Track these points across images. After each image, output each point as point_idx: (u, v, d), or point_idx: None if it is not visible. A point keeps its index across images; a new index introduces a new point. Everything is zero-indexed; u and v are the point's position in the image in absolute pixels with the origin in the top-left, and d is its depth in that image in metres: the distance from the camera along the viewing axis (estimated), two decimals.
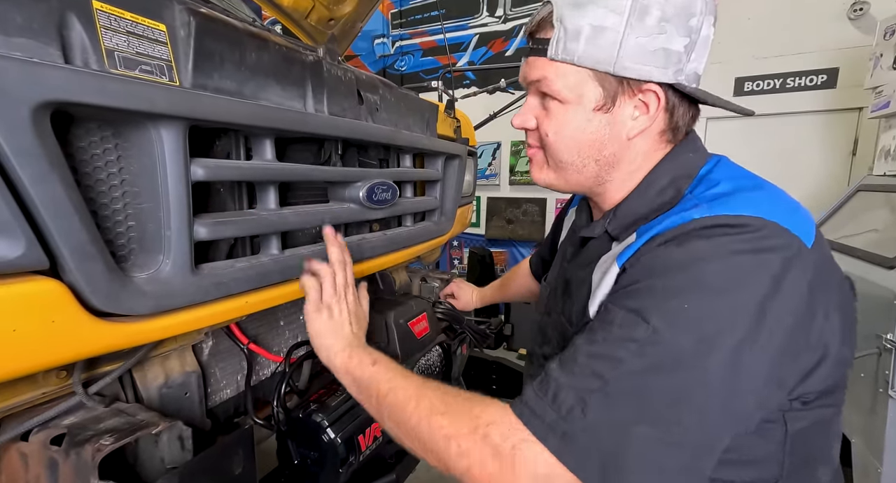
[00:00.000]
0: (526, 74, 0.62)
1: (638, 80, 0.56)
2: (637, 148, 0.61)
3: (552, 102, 0.60)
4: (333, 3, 1.61)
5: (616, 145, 0.60)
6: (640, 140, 0.61)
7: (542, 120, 0.62)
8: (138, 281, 0.55)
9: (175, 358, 0.74)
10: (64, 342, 0.48)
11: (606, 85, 0.57)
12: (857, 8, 2.98)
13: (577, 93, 0.58)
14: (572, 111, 0.59)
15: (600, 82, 0.57)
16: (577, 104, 0.58)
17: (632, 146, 0.61)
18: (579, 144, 0.60)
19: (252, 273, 0.69)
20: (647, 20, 0.53)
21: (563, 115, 0.59)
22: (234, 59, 0.65)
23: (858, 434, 1.81)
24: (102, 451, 0.50)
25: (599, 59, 0.55)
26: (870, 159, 2.67)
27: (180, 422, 0.59)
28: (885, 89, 2.27)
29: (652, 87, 0.57)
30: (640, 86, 0.57)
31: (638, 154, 0.62)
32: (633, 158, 0.62)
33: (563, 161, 0.62)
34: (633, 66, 0.55)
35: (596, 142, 0.60)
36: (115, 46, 0.50)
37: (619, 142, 0.60)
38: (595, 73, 0.56)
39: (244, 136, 0.72)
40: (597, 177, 0.63)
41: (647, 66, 0.55)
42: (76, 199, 0.46)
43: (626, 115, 0.58)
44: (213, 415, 0.84)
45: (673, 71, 0.55)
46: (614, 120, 0.58)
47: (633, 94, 0.57)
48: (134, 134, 0.54)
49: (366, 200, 0.89)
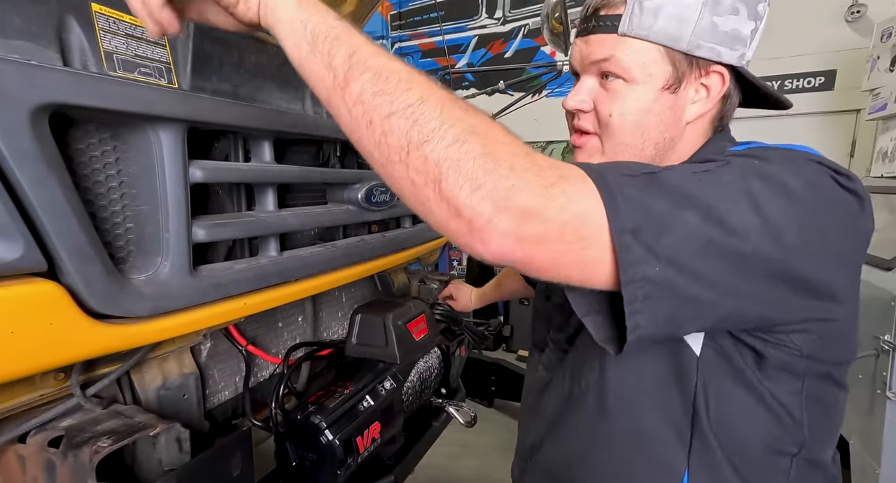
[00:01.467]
0: (586, 53, 0.59)
1: (707, 61, 0.55)
2: (689, 134, 0.60)
3: (615, 82, 0.57)
4: (332, 5, 1.61)
5: (675, 129, 0.58)
6: (694, 126, 0.59)
7: (603, 101, 0.58)
8: (136, 283, 0.55)
9: (173, 360, 0.74)
10: (62, 344, 0.48)
11: (677, 63, 0.55)
12: (855, 10, 2.99)
13: (646, 71, 0.55)
14: (640, 90, 0.56)
15: (671, 60, 0.55)
16: (645, 83, 0.56)
17: (686, 132, 0.59)
18: (644, 125, 0.57)
19: (251, 275, 0.69)
20: (712, 18, 0.52)
21: (630, 94, 0.56)
22: (232, 62, 0.65)
23: (856, 435, 1.81)
24: (100, 453, 0.50)
25: (675, 36, 0.53)
26: (867, 161, 2.68)
27: (178, 424, 0.59)
28: (882, 91, 2.28)
29: (719, 69, 0.56)
30: (709, 67, 0.56)
31: (688, 142, 0.60)
32: (683, 146, 0.60)
33: (625, 143, 0.59)
34: (707, 44, 0.53)
35: (660, 123, 0.57)
36: (114, 49, 0.50)
37: (678, 126, 0.58)
38: (667, 50, 0.54)
39: (243, 137, 0.72)
40: (651, 161, 0.59)
41: (719, 46, 0.54)
42: (74, 201, 0.46)
43: (688, 97, 0.57)
44: (212, 416, 0.84)
45: (738, 54, 0.55)
46: (677, 102, 0.57)
47: (699, 75, 0.56)
48: (132, 136, 0.54)
49: (364, 202, 0.90)
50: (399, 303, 1.04)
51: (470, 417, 1.07)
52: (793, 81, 3.27)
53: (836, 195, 0.46)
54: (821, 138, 3.25)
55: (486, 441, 2.59)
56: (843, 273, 0.48)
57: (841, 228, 0.46)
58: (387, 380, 0.92)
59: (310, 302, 1.06)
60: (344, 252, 0.89)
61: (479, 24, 4.52)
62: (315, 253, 0.82)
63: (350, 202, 0.90)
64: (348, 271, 0.92)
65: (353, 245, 0.92)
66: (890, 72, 2.24)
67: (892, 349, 1.58)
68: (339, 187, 0.90)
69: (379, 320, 0.95)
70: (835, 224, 0.45)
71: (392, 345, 0.94)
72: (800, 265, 0.44)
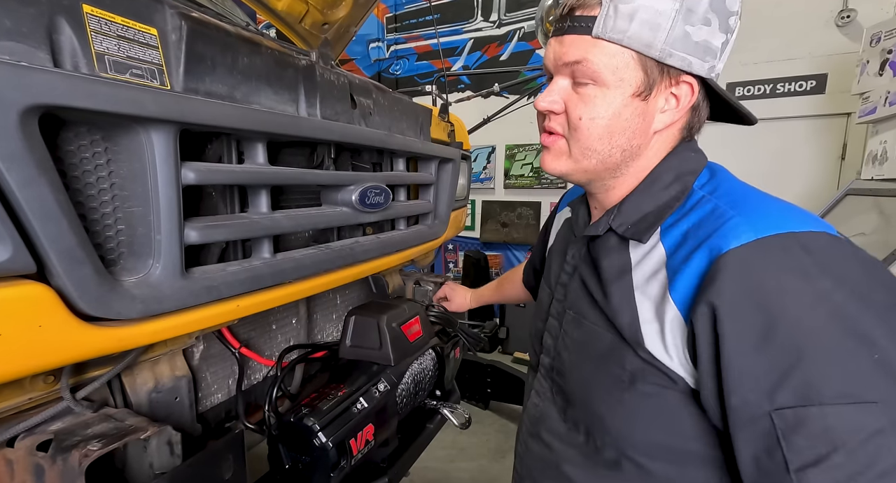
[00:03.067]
0: (560, 54, 0.57)
1: (678, 70, 0.55)
2: (656, 143, 0.60)
3: (587, 86, 0.56)
4: (327, 7, 1.61)
5: (643, 137, 0.58)
6: (661, 135, 0.59)
7: (574, 104, 0.57)
8: (127, 285, 0.55)
9: (165, 362, 0.74)
10: (51, 347, 0.47)
11: (649, 70, 0.54)
12: (845, 15, 3.03)
13: (618, 76, 0.54)
14: (611, 95, 0.55)
15: (643, 67, 0.54)
16: (616, 88, 0.55)
17: (653, 141, 0.59)
18: (612, 131, 0.57)
19: (244, 277, 0.69)
20: (697, 9, 0.52)
21: (601, 98, 0.55)
22: (226, 63, 0.65)
23: None
24: (90, 456, 0.50)
25: (648, 42, 0.52)
26: (858, 164, 2.71)
27: (169, 427, 0.58)
28: (872, 95, 2.31)
29: (689, 80, 0.56)
30: (679, 76, 0.56)
31: (654, 150, 0.60)
32: (649, 154, 0.60)
33: (592, 149, 0.58)
34: (678, 53, 0.53)
35: (628, 130, 0.57)
36: (106, 50, 0.50)
37: (646, 134, 0.58)
38: (640, 56, 0.54)
39: (236, 139, 0.72)
40: (616, 168, 0.60)
41: (690, 56, 0.54)
42: (64, 202, 0.46)
43: (657, 106, 0.57)
44: (204, 419, 0.83)
45: (708, 66, 0.55)
46: (647, 110, 0.56)
47: (669, 84, 0.56)
48: (124, 138, 0.54)
49: (358, 204, 0.90)
50: (393, 305, 1.04)
51: (464, 419, 1.07)
52: (785, 85, 3.30)
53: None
54: (812, 141, 3.29)
55: (481, 443, 2.59)
56: None
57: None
58: (381, 382, 0.91)
59: (304, 304, 1.06)
60: (338, 254, 0.89)
61: (475, 26, 4.53)
62: (309, 255, 0.82)
63: (344, 204, 0.90)
64: (342, 273, 0.92)
65: (348, 247, 0.92)
66: (879, 76, 2.27)
67: None
68: (333, 189, 0.90)
69: (373, 322, 0.95)
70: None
71: (386, 347, 0.94)
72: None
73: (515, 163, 4.42)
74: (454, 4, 4.56)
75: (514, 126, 3.81)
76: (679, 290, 0.51)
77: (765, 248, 0.46)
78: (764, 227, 0.47)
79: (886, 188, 2.10)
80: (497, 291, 1.33)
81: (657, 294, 0.53)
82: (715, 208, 0.53)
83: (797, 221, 0.48)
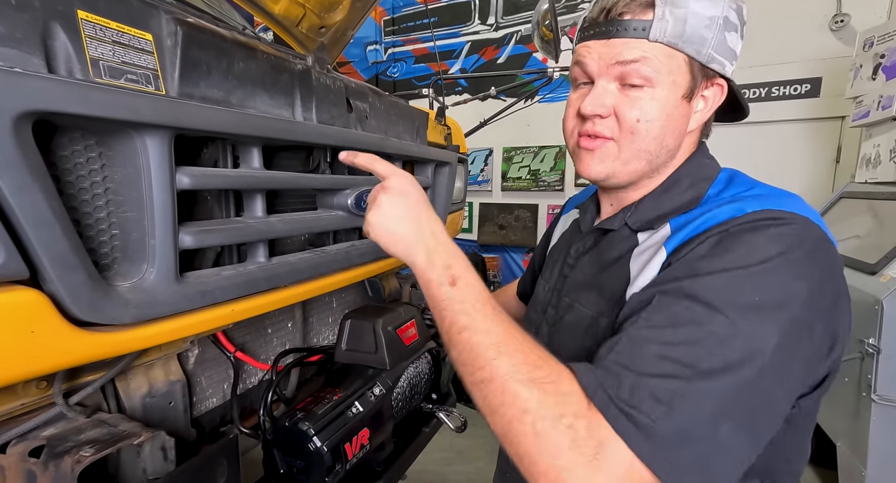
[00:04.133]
0: (610, 55, 0.57)
1: (715, 73, 0.58)
2: (686, 144, 0.63)
3: (640, 88, 0.57)
4: (324, 10, 1.61)
5: (682, 138, 0.61)
6: (690, 136, 0.62)
7: (625, 106, 0.58)
8: (121, 290, 0.55)
9: (159, 367, 0.73)
10: (44, 352, 0.47)
11: (695, 73, 0.57)
12: (839, 20, 3.06)
13: (672, 77, 0.56)
14: (664, 97, 0.57)
15: (691, 70, 0.57)
16: (669, 90, 0.57)
17: (685, 140, 0.62)
18: (665, 132, 0.58)
19: (239, 281, 0.69)
20: (731, 16, 0.56)
21: (655, 101, 0.57)
22: (221, 68, 0.65)
23: (843, 437, 1.83)
24: (82, 462, 0.50)
25: (698, 47, 0.55)
26: (853, 167, 2.73)
27: (163, 432, 0.58)
28: (865, 99, 2.33)
29: (721, 82, 0.59)
30: (714, 78, 0.59)
31: (684, 151, 0.63)
32: (678, 154, 0.63)
33: (646, 150, 0.59)
34: (719, 57, 0.57)
35: (675, 131, 0.59)
36: (101, 56, 0.50)
37: (683, 135, 0.61)
38: (689, 59, 0.56)
39: (231, 144, 0.72)
40: (657, 169, 0.62)
41: (725, 59, 0.57)
42: (58, 208, 0.46)
43: (694, 107, 0.60)
44: (199, 424, 0.83)
45: (731, 68, 0.59)
46: (689, 111, 0.59)
47: (706, 86, 0.59)
48: (118, 143, 0.54)
49: (354, 208, 0.90)
50: (389, 308, 1.04)
51: (460, 422, 1.07)
52: (779, 88, 3.33)
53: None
54: (807, 144, 3.31)
55: (478, 446, 2.58)
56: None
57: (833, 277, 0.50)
58: (376, 385, 0.91)
59: (299, 308, 1.05)
60: (333, 258, 0.89)
61: (472, 30, 4.55)
62: (304, 259, 0.82)
63: (340, 208, 0.90)
64: (338, 277, 0.92)
65: (343, 251, 0.92)
66: (872, 80, 2.29)
67: (877, 352, 1.61)
68: (328, 193, 0.90)
69: (369, 326, 0.95)
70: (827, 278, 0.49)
71: (382, 350, 0.94)
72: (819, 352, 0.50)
73: (513, 165, 4.43)
74: (452, 7, 4.58)
75: (511, 129, 3.82)
76: (672, 242, 0.55)
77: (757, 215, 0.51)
78: (769, 205, 0.52)
79: (880, 191, 2.12)
80: None
81: (652, 253, 0.57)
82: (733, 197, 0.56)
83: (803, 210, 0.52)
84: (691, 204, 0.60)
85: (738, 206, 0.53)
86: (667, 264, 0.54)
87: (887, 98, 2.12)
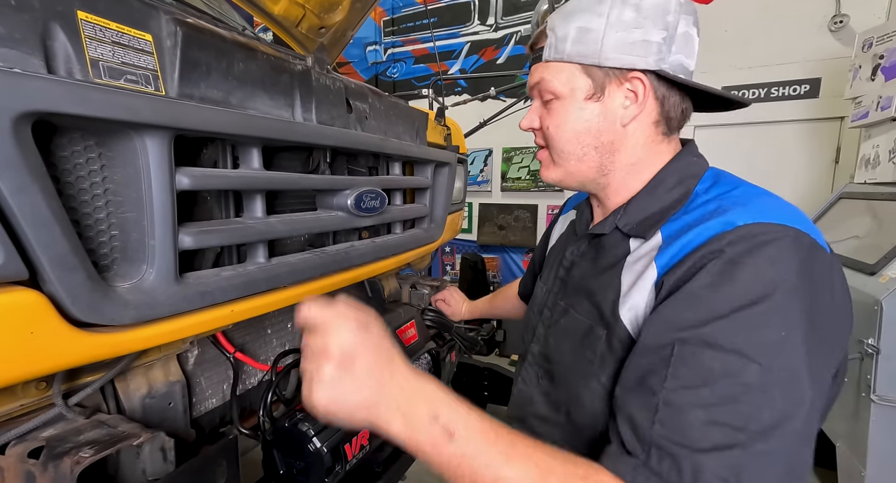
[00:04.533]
0: (530, 82, 0.70)
1: (622, 69, 0.62)
2: (634, 137, 0.66)
3: (552, 101, 0.67)
4: (324, 11, 1.61)
5: (612, 133, 0.65)
6: (636, 128, 0.65)
7: (545, 118, 0.69)
8: (121, 290, 0.55)
9: (159, 368, 0.73)
10: (43, 353, 0.47)
11: (594, 76, 0.63)
12: (838, 20, 3.06)
13: (569, 86, 0.65)
14: (568, 104, 0.66)
15: (588, 74, 0.64)
16: (571, 97, 0.65)
17: (628, 134, 0.65)
18: (576, 133, 0.66)
19: (238, 281, 0.69)
20: (624, 18, 0.60)
21: (561, 108, 0.66)
22: (221, 69, 0.65)
23: (843, 438, 1.83)
24: (81, 463, 0.50)
25: (585, 54, 0.63)
26: (852, 167, 2.74)
27: (162, 433, 0.58)
28: (864, 99, 2.33)
29: (636, 75, 0.62)
30: (626, 74, 0.62)
31: (637, 144, 0.66)
32: (633, 149, 0.66)
33: (565, 151, 0.68)
34: (616, 55, 0.61)
35: (591, 129, 0.65)
36: (100, 56, 0.50)
37: (615, 129, 0.65)
38: (583, 66, 0.63)
39: (231, 144, 0.72)
40: (599, 166, 0.67)
41: (629, 55, 0.61)
42: (57, 209, 0.46)
43: (616, 103, 0.64)
44: (198, 425, 0.83)
45: (654, 59, 0.61)
46: (606, 108, 0.64)
47: (620, 82, 0.63)
48: (118, 143, 0.54)
49: (354, 208, 0.90)
50: (389, 309, 1.04)
51: None
52: (779, 89, 3.33)
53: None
54: (806, 145, 3.31)
55: None
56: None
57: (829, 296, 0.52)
58: None
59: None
60: (333, 258, 0.89)
61: (472, 30, 4.55)
62: (304, 259, 0.82)
63: (339, 208, 0.90)
64: (338, 277, 0.92)
65: (343, 251, 0.92)
66: (871, 81, 2.29)
67: (876, 353, 1.61)
68: (328, 194, 0.90)
69: None
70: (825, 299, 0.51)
71: None
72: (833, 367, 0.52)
73: (512, 166, 4.43)
74: (451, 8, 4.58)
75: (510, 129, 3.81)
76: (664, 257, 0.56)
77: (748, 231, 0.51)
78: (755, 216, 0.53)
79: (879, 192, 2.12)
80: (490, 305, 1.35)
81: (643, 266, 0.59)
82: (719, 206, 0.57)
83: (787, 218, 0.53)
84: (680, 201, 0.62)
85: (725, 219, 0.54)
86: (660, 283, 0.55)
87: (886, 99, 2.12)
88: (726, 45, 3.42)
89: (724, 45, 3.42)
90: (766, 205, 0.56)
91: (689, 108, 0.67)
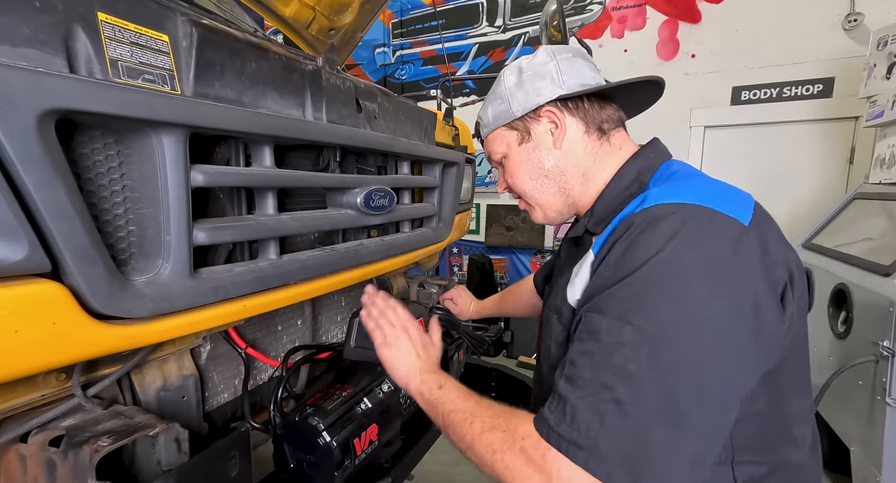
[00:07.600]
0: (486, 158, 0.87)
1: (533, 110, 0.75)
2: (573, 151, 0.75)
3: (503, 162, 0.83)
4: (334, 13, 1.64)
5: (553, 157, 0.76)
6: (570, 144, 0.75)
7: (507, 177, 0.84)
8: (138, 284, 0.56)
9: (173, 361, 0.75)
10: (64, 344, 0.49)
11: (517, 127, 0.79)
12: (852, 19, 3.02)
13: (505, 143, 0.81)
14: (512, 156, 0.80)
15: (512, 128, 0.79)
16: (510, 150, 0.80)
17: (566, 152, 0.76)
18: (527, 173, 0.79)
19: (250, 277, 0.70)
20: (515, 81, 0.78)
21: (510, 163, 0.81)
22: (234, 69, 0.66)
23: (857, 442, 1.80)
24: (100, 452, 0.51)
25: (503, 118, 0.79)
26: (866, 167, 2.69)
27: (177, 424, 0.59)
28: (879, 99, 2.30)
29: (545, 107, 0.75)
30: (538, 111, 0.75)
31: (578, 156, 0.75)
32: (577, 161, 0.76)
33: (528, 192, 0.80)
34: (522, 106, 0.76)
35: (534, 165, 0.78)
36: (119, 56, 0.52)
37: (553, 154, 0.76)
38: (506, 126, 0.80)
39: (244, 143, 0.74)
40: (560, 190, 0.78)
41: (532, 100, 0.75)
42: (79, 203, 0.47)
43: (543, 134, 0.76)
44: (210, 419, 0.84)
45: (551, 91, 0.74)
46: (537, 143, 0.77)
47: (537, 119, 0.76)
48: (136, 141, 0.55)
49: (363, 207, 0.91)
50: None
51: None
52: (791, 89, 3.29)
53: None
54: (820, 145, 3.27)
55: None
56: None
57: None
58: (385, 382, 0.92)
59: (309, 305, 1.07)
60: (343, 256, 0.90)
61: (480, 32, 4.56)
62: (314, 256, 0.83)
63: (349, 207, 0.91)
64: (347, 275, 0.93)
65: (352, 249, 0.93)
66: (886, 79, 2.26)
67: (892, 355, 1.58)
68: (338, 192, 0.91)
69: None
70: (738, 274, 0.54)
71: None
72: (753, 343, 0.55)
73: None
74: (459, 10, 4.60)
75: None
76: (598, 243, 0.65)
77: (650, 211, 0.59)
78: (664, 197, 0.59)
79: (894, 192, 2.08)
80: (499, 304, 1.35)
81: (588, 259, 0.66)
82: (647, 193, 0.63)
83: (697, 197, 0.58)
84: (633, 195, 0.67)
85: (639, 203, 0.62)
86: (597, 265, 0.62)
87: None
88: (737, 44, 3.39)
89: (735, 44, 3.39)
90: (682, 187, 0.61)
91: (611, 108, 0.76)
